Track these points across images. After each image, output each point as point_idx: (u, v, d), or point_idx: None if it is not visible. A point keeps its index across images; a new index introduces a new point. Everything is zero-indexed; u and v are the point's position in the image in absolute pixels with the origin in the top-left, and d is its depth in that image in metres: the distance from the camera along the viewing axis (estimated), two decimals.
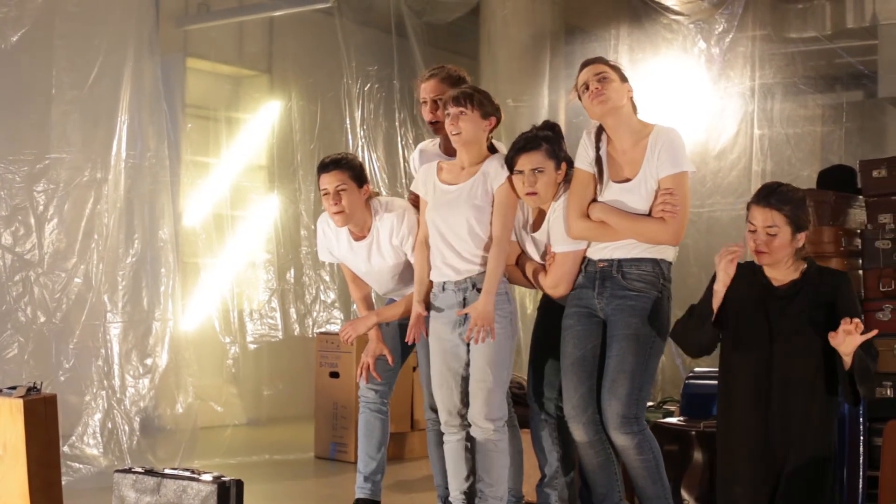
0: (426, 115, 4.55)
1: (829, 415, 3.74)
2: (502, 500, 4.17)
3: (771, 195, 3.73)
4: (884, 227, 5.49)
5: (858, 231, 5.62)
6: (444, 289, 4.23)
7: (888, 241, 5.43)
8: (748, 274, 3.82)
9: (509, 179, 4.15)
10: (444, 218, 4.22)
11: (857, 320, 3.55)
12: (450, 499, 4.30)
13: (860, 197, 5.74)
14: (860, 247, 5.57)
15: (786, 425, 3.72)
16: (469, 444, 4.21)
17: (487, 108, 4.22)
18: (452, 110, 4.19)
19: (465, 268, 4.18)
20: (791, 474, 3.70)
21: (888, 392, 5.27)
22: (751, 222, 3.74)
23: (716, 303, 3.78)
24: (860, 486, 4.69)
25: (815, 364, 3.69)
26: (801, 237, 3.72)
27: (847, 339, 3.55)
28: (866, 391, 3.66)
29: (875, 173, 5.61)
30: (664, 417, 5.22)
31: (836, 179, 6.10)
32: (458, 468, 4.25)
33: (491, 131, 4.27)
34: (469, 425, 4.19)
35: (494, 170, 4.18)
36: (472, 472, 4.23)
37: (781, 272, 3.76)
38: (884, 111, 8.97)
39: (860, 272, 5.57)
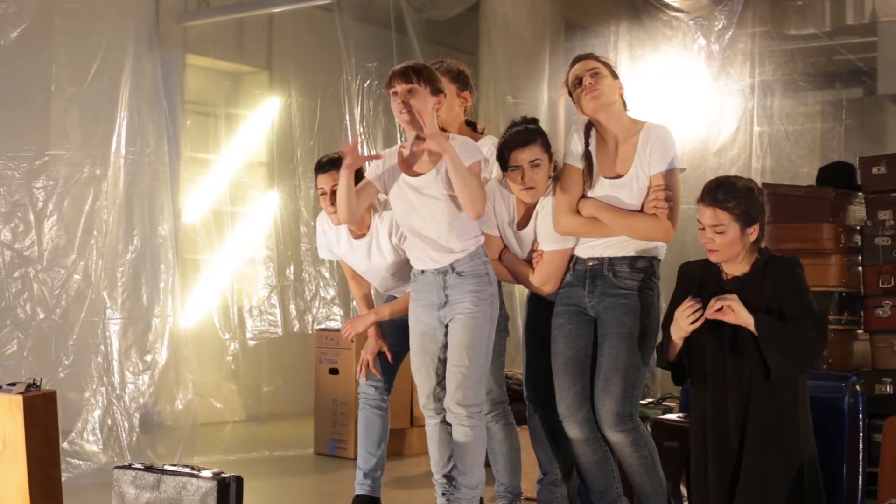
0: None
1: (790, 411, 3.66)
2: (475, 490, 4.11)
3: (715, 192, 3.66)
4: (883, 224, 5.49)
5: (858, 228, 5.62)
6: (423, 272, 4.11)
7: (888, 238, 5.43)
8: (704, 268, 3.81)
9: (479, 163, 3.96)
10: (415, 209, 4.03)
11: (719, 298, 3.54)
12: (433, 480, 4.29)
13: (860, 193, 5.74)
14: (860, 243, 5.57)
15: (743, 426, 3.67)
16: (450, 428, 4.13)
17: (437, 83, 4.00)
18: (401, 87, 3.94)
19: (443, 257, 4.03)
20: (752, 476, 3.65)
21: (888, 388, 5.27)
22: (699, 221, 3.70)
23: (672, 353, 3.75)
24: (859, 482, 4.69)
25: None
26: (753, 230, 3.67)
27: (726, 317, 3.55)
28: (777, 364, 3.55)
29: (874, 170, 5.61)
30: (664, 414, 5.22)
31: (835, 176, 6.10)
32: (437, 451, 4.20)
33: (439, 110, 4.04)
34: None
35: (460, 147, 3.92)
36: (453, 455, 4.16)
37: (735, 266, 3.72)
38: (883, 108, 8.96)
39: (860, 269, 5.57)
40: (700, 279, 3.78)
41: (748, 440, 3.66)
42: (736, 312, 3.56)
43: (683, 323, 3.66)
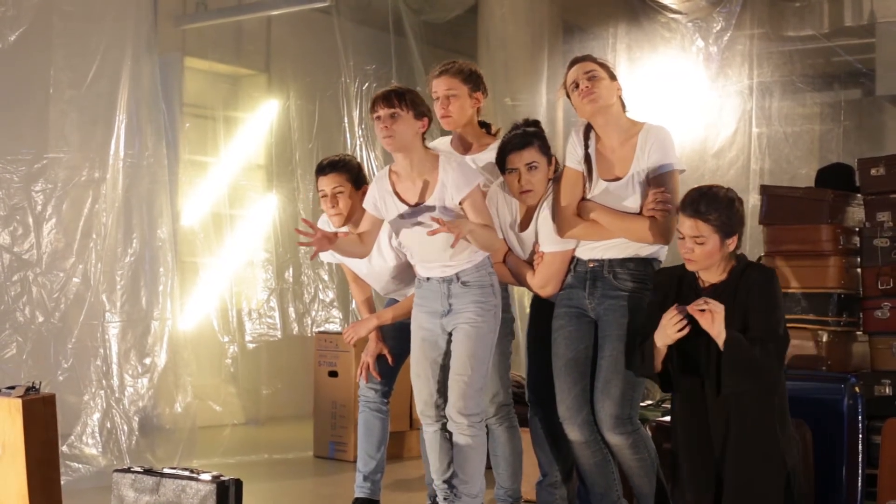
0: (438, 111, 4.40)
1: (769, 412, 3.66)
2: (476, 499, 4.12)
3: (697, 203, 3.69)
4: (882, 225, 5.49)
5: (857, 229, 5.62)
6: (428, 280, 4.14)
7: (886, 239, 5.43)
8: (680, 275, 3.82)
9: (478, 186, 4.01)
10: (415, 236, 4.07)
11: (708, 301, 3.55)
12: (433, 485, 4.29)
13: (858, 195, 5.74)
14: (858, 245, 5.57)
15: (719, 433, 3.69)
16: (449, 435, 4.15)
17: (421, 107, 4.01)
18: (383, 111, 3.96)
19: (448, 270, 4.07)
20: (732, 483, 3.66)
21: (887, 390, 5.27)
22: (679, 230, 3.73)
23: (658, 360, 3.75)
24: (859, 483, 4.70)
25: None
26: (732, 241, 3.71)
27: (702, 319, 3.56)
28: (731, 382, 3.60)
29: (873, 171, 5.61)
30: (663, 416, 5.22)
31: (834, 178, 6.10)
32: (437, 458, 4.20)
33: (424, 133, 4.07)
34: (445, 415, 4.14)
35: (451, 184, 3.96)
36: (452, 461, 4.16)
37: (712, 274, 3.76)
38: (882, 109, 8.97)
39: (858, 270, 5.57)
40: (677, 286, 3.80)
41: (730, 443, 3.67)
42: (714, 322, 3.59)
43: (670, 331, 3.67)
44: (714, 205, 3.68)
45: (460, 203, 3.98)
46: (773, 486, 3.63)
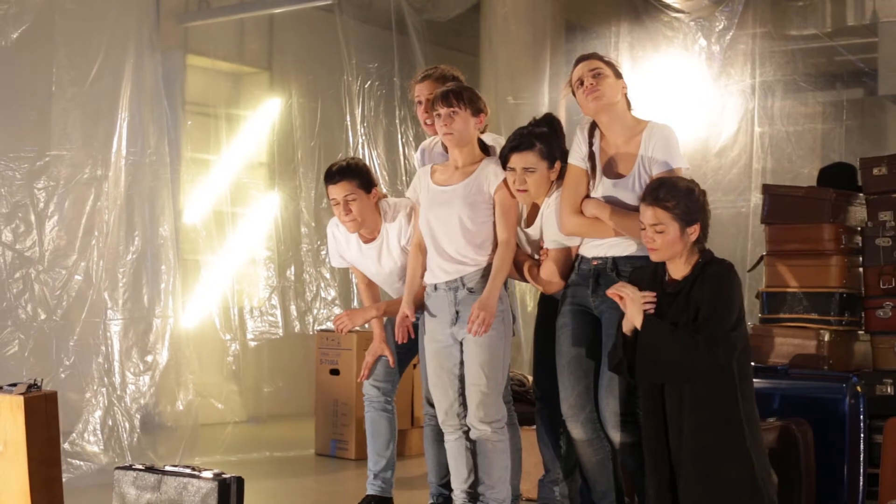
0: (421, 115, 4.58)
1: (718, 412, 3.64)
2: (504, 503, 4.16)
3: (657, 191, 3.73)
4: (884, 225, 5.49)
5: (859, 228, 5.62)
6: (436, 289, 4.21)
7: (888, 239, 5.43)
8: (652, 272, 3.83)
9: (506, 182, 4.14)
10: (437, 216, 4.19)
11: (624, 286, 3.67)
12: (452, 496, 4.29)
13: (860, 194, 5.74)
14: (860, 244, 5.57)
15: (675, 429, 3.70)
16: (469, 443, 4.19)
17: (478, 104, 4.21)
18: (443, 110, 4.15)
19: (454, 269, 4.13)
20: (691, 471, 3.65)
21: (888, 389, 5.27)
22: (641, 220, 3.76)
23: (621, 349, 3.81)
24: (861, 483, 4.70)
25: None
26: (693, 230, 3.71)
27: (622, 305, 3.68)
28: (646, 370, 3.65)
29: (875, 171, 5.61)
30: None
31: (836, 177, 6.10)
32: (458, 466, 4.22)
33: (480, 129, 4.25)
34: (467, 424, 4.17)
35: (492, 172, 4.15)
36: (473, 469, 4.20)
37: (677, 267, 3.77)
38: (884, 108, 8.98)
39: (860, 270, 5.57)
40: (649, 281, 3.81)
41: (684, 437, 3.66)
42: (627, 307, 3.69)
43: (626, 321, 3.75)
44: (672, 192, 3.72)
45: (494, 194, 4.14)
46: (731, 475, 3.62)
